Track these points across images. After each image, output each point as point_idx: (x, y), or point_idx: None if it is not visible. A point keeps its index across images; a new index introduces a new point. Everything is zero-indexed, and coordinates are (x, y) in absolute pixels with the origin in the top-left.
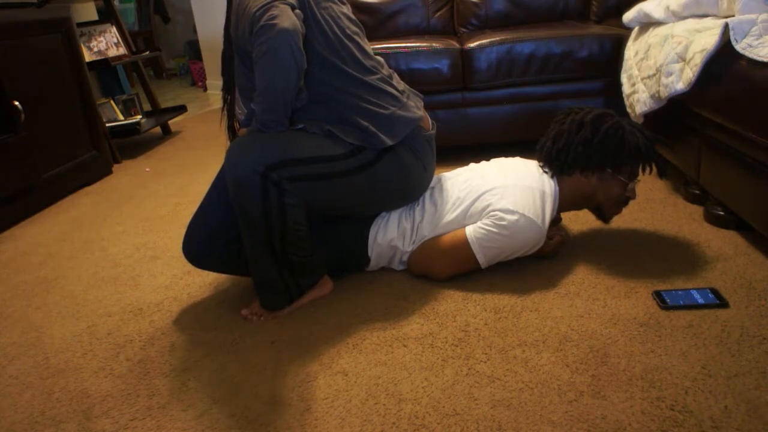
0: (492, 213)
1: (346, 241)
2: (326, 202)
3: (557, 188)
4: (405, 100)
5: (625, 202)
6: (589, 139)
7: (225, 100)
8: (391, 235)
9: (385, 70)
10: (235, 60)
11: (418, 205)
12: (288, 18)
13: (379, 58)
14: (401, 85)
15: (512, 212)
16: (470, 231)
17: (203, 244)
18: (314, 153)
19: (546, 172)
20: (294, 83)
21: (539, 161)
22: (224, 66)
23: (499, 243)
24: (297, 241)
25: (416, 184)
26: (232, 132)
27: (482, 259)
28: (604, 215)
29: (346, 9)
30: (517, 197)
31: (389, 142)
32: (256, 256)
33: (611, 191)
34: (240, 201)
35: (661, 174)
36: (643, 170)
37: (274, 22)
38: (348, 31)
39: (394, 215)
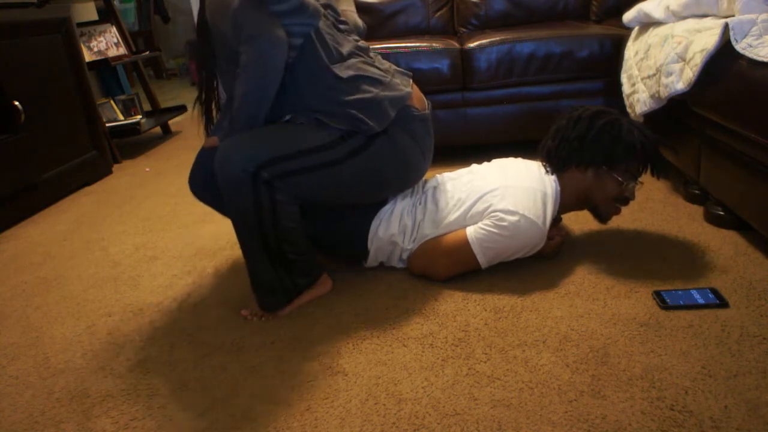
0: (493, 214)
1: (348, 230)
2: (322, 193)
3: (558, 188)
4: (389, 79)
5: (624, 202)
6: (583, 133)
7: (202, 102)
8: (393, 230)
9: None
10: (219, 60)
11: (420, 204)
12: (276, 31)
13: (359, 40)
14: (385, 64)
15: (513, 213)
16: (471, 231)
17: (203, 181)
18: (303, 145)
19: (547, 171)
20: (275, 91)
21: (541, 160)
22: (203, 65)
23: (500, 244)
24: (292, 237)
25: (413, 166)
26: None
27: (482, 260)
28: (600, 214)
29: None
30: (518, 198)
31: (377, 128)
32: (252, 255)
33: (607, 189)
34: (232, 201)
35: (661, 175)
36: (640, 171)
37: (265, 32)
38: (340, 27)
39: (397, 211)
